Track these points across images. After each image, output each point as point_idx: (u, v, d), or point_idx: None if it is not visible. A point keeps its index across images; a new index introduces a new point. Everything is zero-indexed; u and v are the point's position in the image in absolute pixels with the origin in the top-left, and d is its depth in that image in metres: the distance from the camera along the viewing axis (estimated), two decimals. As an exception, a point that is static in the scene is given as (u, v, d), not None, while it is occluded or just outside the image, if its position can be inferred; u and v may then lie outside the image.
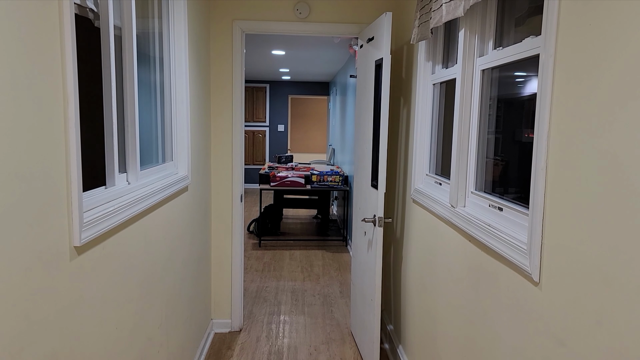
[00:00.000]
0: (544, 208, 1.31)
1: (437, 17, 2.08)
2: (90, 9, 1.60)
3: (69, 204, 1.28)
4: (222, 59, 3.37)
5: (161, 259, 2.18)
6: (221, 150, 3.46)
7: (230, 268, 3.58)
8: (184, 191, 2.63)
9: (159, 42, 2.42)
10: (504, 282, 1.56)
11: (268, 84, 10.56)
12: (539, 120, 1.33)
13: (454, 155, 2.08)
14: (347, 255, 5.70)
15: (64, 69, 1.25)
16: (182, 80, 2.59)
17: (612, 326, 1.03)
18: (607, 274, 1.04)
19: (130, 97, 1.90)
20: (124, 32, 1.87)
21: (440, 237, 2.26)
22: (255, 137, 10.74)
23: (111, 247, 1.59)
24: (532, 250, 1.35)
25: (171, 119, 2.57)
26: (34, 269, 1.12)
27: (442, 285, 2.20)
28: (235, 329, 3.62)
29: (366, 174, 3.08)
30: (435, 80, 2.53)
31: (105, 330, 1.56)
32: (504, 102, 1.87)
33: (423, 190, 2.56)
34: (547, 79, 1.29)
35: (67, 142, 1.27)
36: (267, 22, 3.34)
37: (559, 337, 1.23)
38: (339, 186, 5.96)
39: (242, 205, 3.56)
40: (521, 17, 1.71)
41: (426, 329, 2.46)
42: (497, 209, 1.75)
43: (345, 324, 3.78)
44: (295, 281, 4.77)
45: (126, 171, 1.91)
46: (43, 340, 1.17)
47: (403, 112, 3.09)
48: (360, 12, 3.38)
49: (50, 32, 1.19)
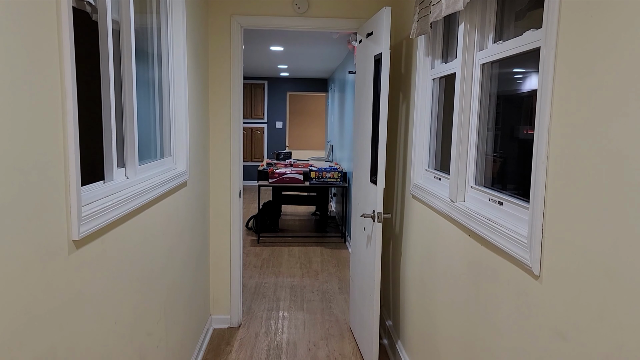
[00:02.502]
0: (544, 201, 1.31)
1: (437, 11, 2.07)
2: (87, 2, 1.59)
3: (67, 197, 1.27)
4: (221, 54, 3.36)
5: (160, 254, 2.17)
6: (220, 146, 3.45)
7: (229, 264, 3.57)
8: (183, 187, 2.62)
9: (157, 37, 2.40)
10: (504, 277, 1.56)
11: (266, 81, 10.54)
12: (539, 113, 1.32)
13: (454, 149, 2.07)
14: (346, 252, 5.70)
15: (61, 62, 1.24)
16: (181, 76, 2.58)
17: (614, 320, 1.02)
18: (609, 267, 1.04)
19: (129, 91, 1.89)
20: (122, 26, 1.86)
21: (439, 232, 2.26)
22: (253, 134, 10.72)
23: (110, 242, 1.59)
24: (533, 244, 1.35)
25: (170, 114, 2.56)
26: (32, 263, 1.11)
27: (442, 280, 2.20)
28: (234, 325, 3.62)
29: (365, 170, 3.07)
30: (435, 75, 2.52)
31: (105, 325, 1.55)
32: (504, 98, 1.87)
33: (422, 185, 2.55)
34: (548, 71, 1.28)
35: (65, 136, 1.26)
36: (265, 17, 3.33)
37: (560, 331, 1.23)
38: (337, 182, 5.95)
39: (240, 201, 3.56)
40: (521, 11, 1.71)
41: (425, 324, 2.46)
42: (497, 203, 1.74)
43: (344, 319, 3.78)
44: (294, 277, 4.77)
45: (125, 166, 1.90)
46: (42, 335, 1.17)
47: (402, 107, 3.08)
48: (359, 6, 3.37)
49: (48, 26, 1.18)
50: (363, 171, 3.14)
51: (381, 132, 2.69)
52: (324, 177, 5.94)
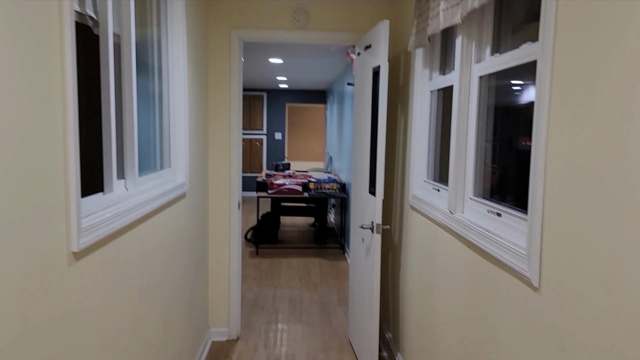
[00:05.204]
0: (542, 213, 1.32)
1: (435, 24, 2.09)
2: (89, 16, 1.61)
3: (67, 209, 1.28)
4: (220, 66, 3.38)
5: (159, 265, 2.17)
6: (219, 158, 3.45)
7: (228, 276, 3.56)
8: (182, 198, 2.62)
9: (158, 50, 2.42)
10: (503, 288, 1.56)
11: (265, 92, 10.58)
12: (537, 125, 1.33)
13: (452, 160, 2.08)
14: (345, 263, 5.68)
15: (63, 75, 1.25)
16: (180, 88, 2.60)
17: (613, 332, 1.02)
18: (608, 278, 1.04)
19: (129, 103, 1.90)
20: (123, 39, 1.88)
21: (438, 244, 2.26)
22: (252, 145, 10.74)
23: (109, 253, 1.59)
24: (532, 256, 1.35)
25: (169, 125, 2.57)
26: (32, 274, 1.11)
27: (441, 292, 2.20)
28: (232, 338, 3.60)
29: (364, 181, 3.08)
30: (433, 87, 2.54)
31: (103, 336, 1.55)
32: (502, 110, 1.88)
33: (421, 196, 2.56)
34: (544, 83, 1.30)
35: (65, 148, 1.27)
36: (265, 30, 3.36)
37: (559, 342, 1.23)
38: (336, 194, 5.96)
39: (239, 213, 3.56)
40: (518, 24, 1.73)
41: (425, 336, 2.45)
42: (496, 214, 1.75)
43: (344, 332, 3.76)
44: (293, 289, 4.75)
45: (124, 177, 1.90)
46: (40, 346, 1.16)
47: (400, 118, 3.10)
48: (357, 20, 3.40)
49: (50, 39, 1.19)
50: (362, 182, 3.15)
51: (380, 143, 2.70)
52: (323, 188, 5.94)
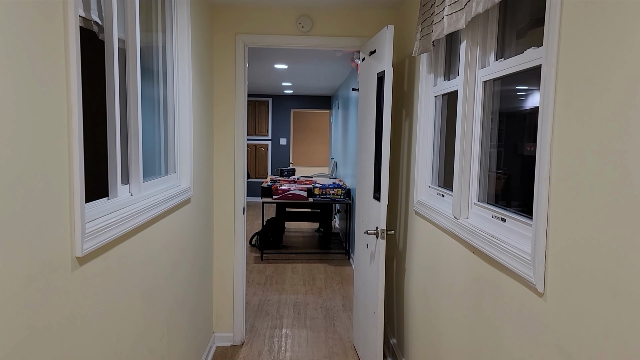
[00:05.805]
0: (547, 218, 1.31)
1: (439, 30, 2.09)
2: (94, 21, 1.62)
3: (71, 214, 1.28)
4: (225, 72, 3.39)
5: (163, 271, 2.17)
6: (224, 163, 3.46)
7: (232, 281, 3.56)
8: (187, 203, 2.62)
9: (163, 56, 2.44)
10: (508, 294, 1.55)
11: (270, 98, 10.61)
12: (541, 130, 1.33)
13: (457, 166, 2.08)
14: (350, 269, 5.66)
15: (68, 80, 1.26)
16: (185, 93, 2.61)
17: (619, 338, 1.01)
18: (613, 284, 1.03)
19: (134, 109, 1.91)
20: (128, 44, 1.89)
21: (443, 249, 2.25)
22: (257, 151, 10.76)
23: (113, 259, 1.59)
24: (536, 261, 1.34)
25: (174, 131, 2.58)
26: (35, 279, 1.12)
27: (446, 298, 2.19)
28: (237, 343, 3.59)
29: (368, 186, 3.07)
30: (437, 92, 2.54)
31: (107, 341, 1.55)
32: (506, 115, 1.87)
33: (426, 202, 2.55)
34: (549, 88, 1.29)
35: (70, 153, 1.27)
36: (270, 35, 3.37)
37: (564, 348, 1.22)
38: (341, 199, 5.95)
39: (244, 218, 3.56)
40: (522, 29, 1.72)
41: (430, 342, 2.43)
42: (501, 219, 1.74)
43: (348, 337, 3.75)
44: (298, 294, 4.74)
45: (129, 182, 1.91)
46: (44, 350, 1.16)
47: (405, 124, 3.09)
48: (362, 25, 3.41)
49: (55, 44, 1.20)
50: (366, 188, 3.14)
51: (384, 148, 2.69)
52: (328, 193, 5.94)
